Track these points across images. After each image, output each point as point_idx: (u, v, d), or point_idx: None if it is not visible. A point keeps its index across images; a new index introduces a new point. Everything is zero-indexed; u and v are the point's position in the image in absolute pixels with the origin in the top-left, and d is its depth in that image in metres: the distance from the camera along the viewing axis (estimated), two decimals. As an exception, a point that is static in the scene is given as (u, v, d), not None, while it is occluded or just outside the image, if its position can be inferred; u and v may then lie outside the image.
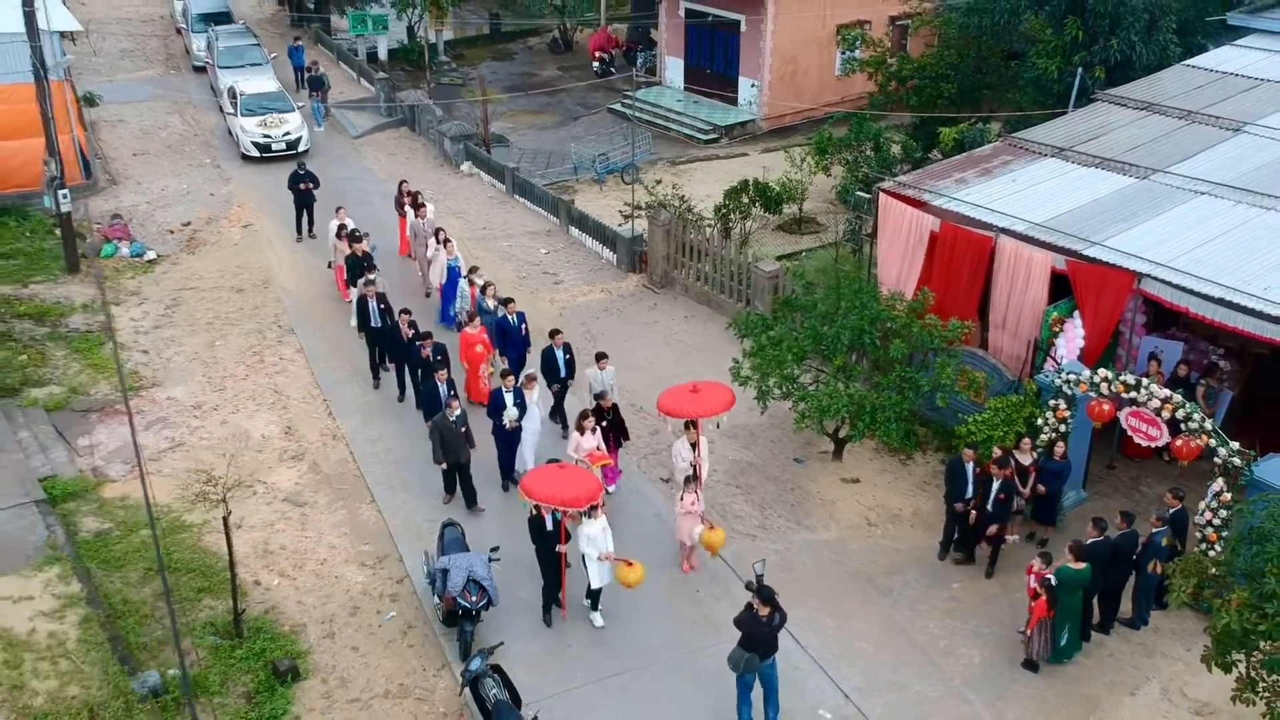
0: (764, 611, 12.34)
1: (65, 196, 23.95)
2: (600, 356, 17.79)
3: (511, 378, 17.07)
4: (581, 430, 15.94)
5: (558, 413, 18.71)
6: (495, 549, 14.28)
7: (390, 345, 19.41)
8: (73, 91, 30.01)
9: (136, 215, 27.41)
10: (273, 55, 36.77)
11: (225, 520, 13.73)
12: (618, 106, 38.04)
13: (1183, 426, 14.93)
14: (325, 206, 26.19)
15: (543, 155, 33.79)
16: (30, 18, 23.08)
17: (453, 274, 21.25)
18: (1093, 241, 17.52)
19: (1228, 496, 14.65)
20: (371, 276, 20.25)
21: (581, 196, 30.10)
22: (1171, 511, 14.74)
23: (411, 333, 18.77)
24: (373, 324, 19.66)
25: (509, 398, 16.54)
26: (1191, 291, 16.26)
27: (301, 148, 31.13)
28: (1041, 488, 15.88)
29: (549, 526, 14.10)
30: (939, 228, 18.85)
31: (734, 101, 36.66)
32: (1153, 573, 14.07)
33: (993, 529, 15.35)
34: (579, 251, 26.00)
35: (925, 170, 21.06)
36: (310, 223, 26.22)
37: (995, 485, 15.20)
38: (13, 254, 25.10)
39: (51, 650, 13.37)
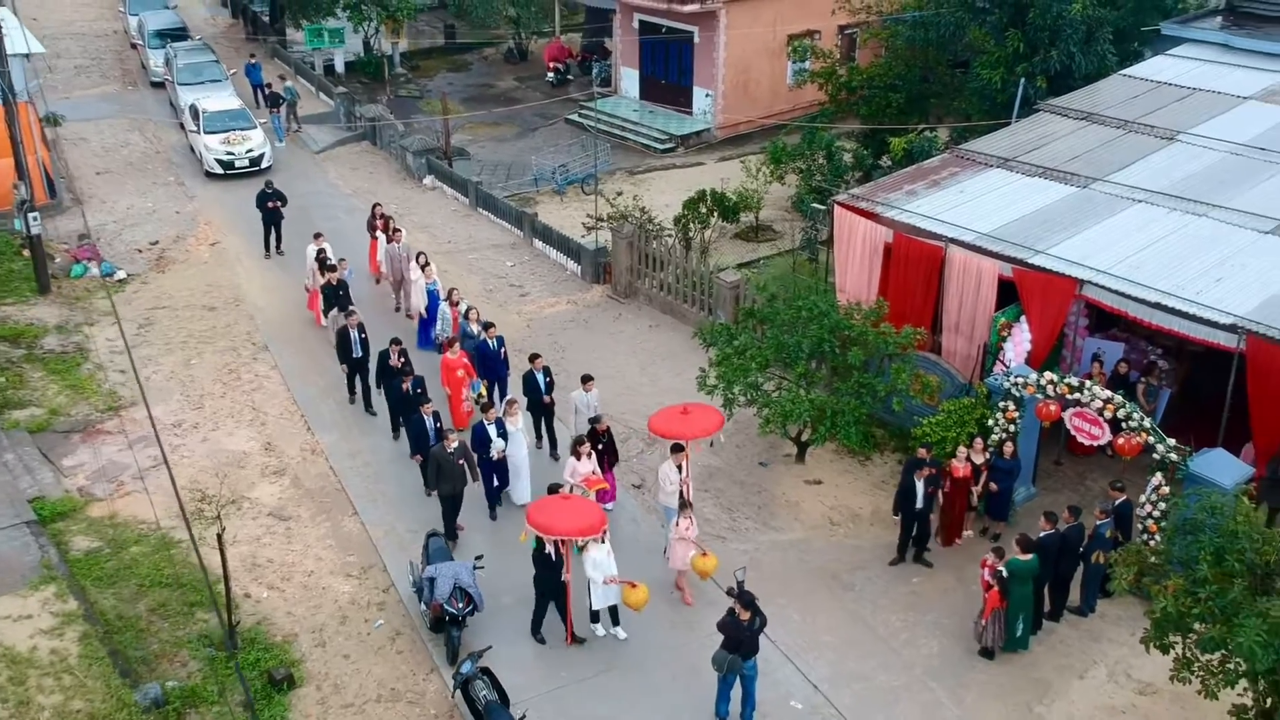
0: (745, 615, 13.10)
1: (35, 219, 24.26)
2: (586, 379, 18.25)
3: (493, 410, 17.32)
4: (578, 455, 16.29)
5: (545, 436, 18.89)
6: (479, 557, 14.96)
7: (378, 372, 19.50)
8: (35, 112, 30.24)
9: (104, 235, 27.74)
10: (231, 71, 37.08)
11: (219, 536, 14.30)
12: (575, 117, 38.72)
13: (1123, 425, 15.90)
14: (292, 223, 26.76)
15: (503, 167, 34.39)
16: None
17: (433, 298, 21.75)
18: (1037, 250, 18.48)
19: (1166, 489, 15.63)
20: (352, 307, 20.57)
21: (543, 208, 30.77)
22: (1115, 504, 15.71)
23: (401, 362, 19.00)
24: (354, 355, 19.92)
25: (492, 430, 16.85)
26: (1130, 296, 17.26)
27: (264, 164, 31.55)
28: (994, 485, 16.81)
29: (554, 557, 14.40)
30: (892, 239, 19.76)
31: (689, 111, 37.44)
32: (1097, 563, 15.02)
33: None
34: (544, 264, 26.68)
35: (877, 183, 21.93)
36: (278, 240, 26.70)
37: (920, 485, 16.05)
38: (-18, 276, 25.40)
39: (54, 666, 13.88)
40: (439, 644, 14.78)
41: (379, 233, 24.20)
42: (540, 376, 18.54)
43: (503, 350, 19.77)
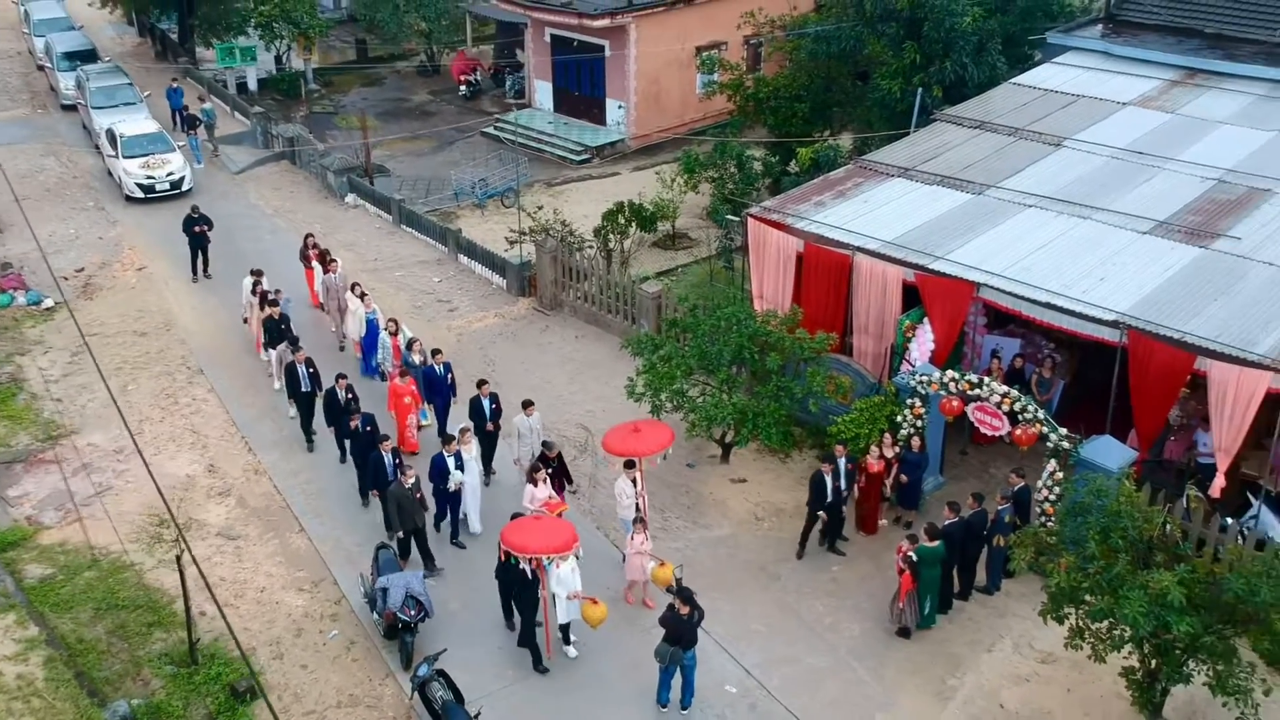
0: (684, 610, 14.14)
1: (-39, 252, 24.43)
2: (526, 404, 18.70)
3: (453, 443, 17.56)
4: (535, 482, 16.80)
5: (486, 462, 19.34)
6: (394, 534, 15.83)
7: (326, 410, 19.70)
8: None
9: (27, 263, 27.85)
10: (146, 94, 37.13)
11: (179, 559, 14.92)
12: (491, 130, 39.49)
13: (1020, 417, 17.28)
14: (217, 245, 27.19)
15: (422, 182, 35.02)
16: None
17: (371, 327, 22.09)
18: (937, 256, 19.81)
19: (1060, 475, 17.04)
20: (300, 344, 20.84)
21: (464, 222, 31.55)
22: (1015, 490, 17.08)
23: (349, 398, 19.26)
24: (303, 389, 20.13)
25: (451, 462, 17.26)
26: (1022, 297, 18.65)
27: (185, 187, 31.81)
28: (904, 477, 18.09)
29: (530, 576, 15.01)
30: (803, 248, 20.98)
31: (602, 122, 38.44)
32: (999, 545, 16.35)
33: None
34: (470, 278, 27.46)
35: (788, 195, 23.12)
36: (205, 263, 27.10)
37: (828, 480, 17.28)
38: (-94, 310, 25.45)
39: (23, 690, 14.42)
40: (393, 650, 15.59)
41: (314, 263, 24.52)
42: (486, 403, 19.11)
43: (449, 375, 20.24)
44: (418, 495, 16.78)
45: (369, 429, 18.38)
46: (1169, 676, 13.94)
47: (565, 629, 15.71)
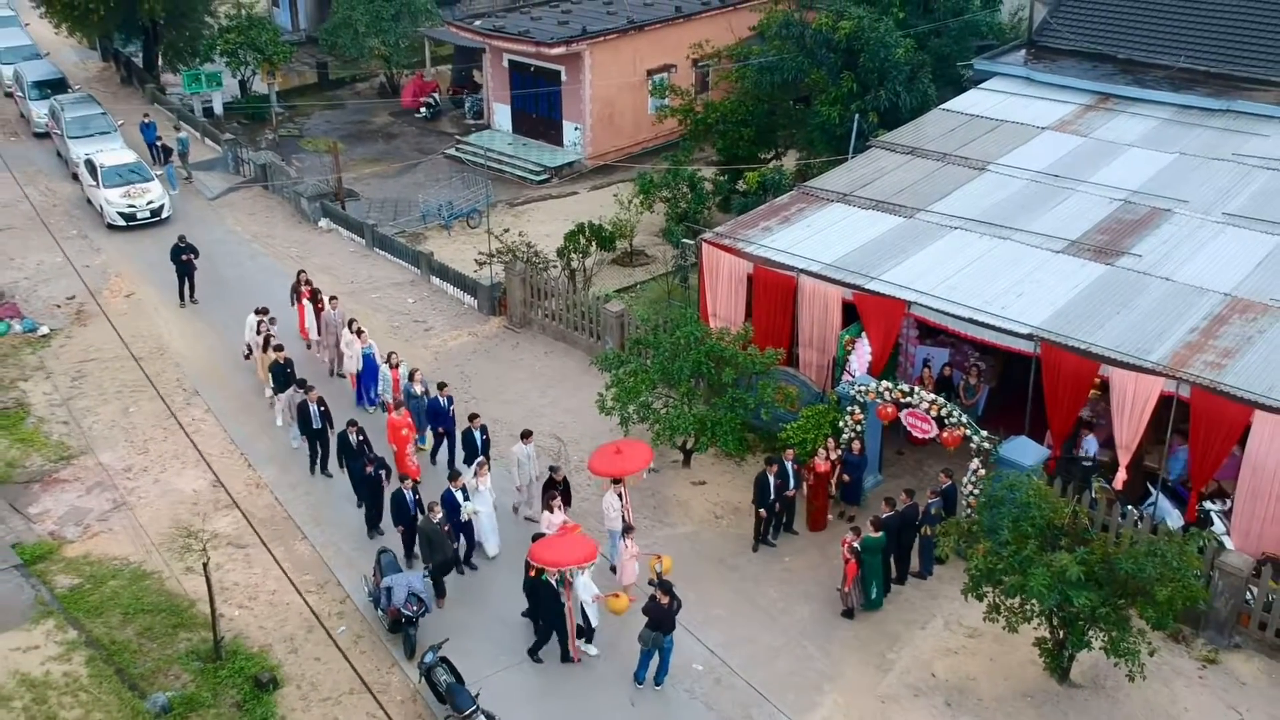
0: (665, 600, 16.17)
1: (-37, 284, 25.92)
2: (525, 434, 20.20)
3: (459, 478, 18.98)
4: (550, 509, 18.34)
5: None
6: (427, 566, 17.74)
7: (340, 452, 20.75)
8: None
9: (19, 292, 29.34)
10: (119, 123, 38.54)
11: (205, 565, 16.75)
12: (453, 151, 41.33)
13: (946, 421, 19.52)
14: (199, 271, 28.74)
15: (389, 204, 36.74)
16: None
17: (368, 361, 23.51)
18: (872, 276, 22.03)
19: (982, 472, 19.28)
20: (310, 384, 22.05)
21: (432, 243, 33.39)
22: (944, 486, 19.32)
23: (360, 440, 20.34)
24: (314, 426, 21.30)
25: (459, 495, 18.65)
26: (948, 313, 20.92)
27: (165, 215, 33.38)
28: (846, 476, 20.29)
29: (556, 586, 16.73)
30: (753, 270, 23.12)
31: (560, 143, 40.40)
32: (928, 535, 18.56)
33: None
34: (443, 299, 29.33)
35: (738, 220, 25.24)
36: (191, 289, 28.72)
37: (770, 480, 19.41)
38: (-93, 339, 26.87)
39: (70, 686, 16.17)
40: (397, 643, 17.50)
41: (305, 299, 25.74)
42: (478, 435, 20.54)
43: (452, 408, 21.75)
44: (445, 528, 18.19)
45: (385, 470, 19.72)
46: (1074, 644, 16.25)
47: (589, 630, 17.42)
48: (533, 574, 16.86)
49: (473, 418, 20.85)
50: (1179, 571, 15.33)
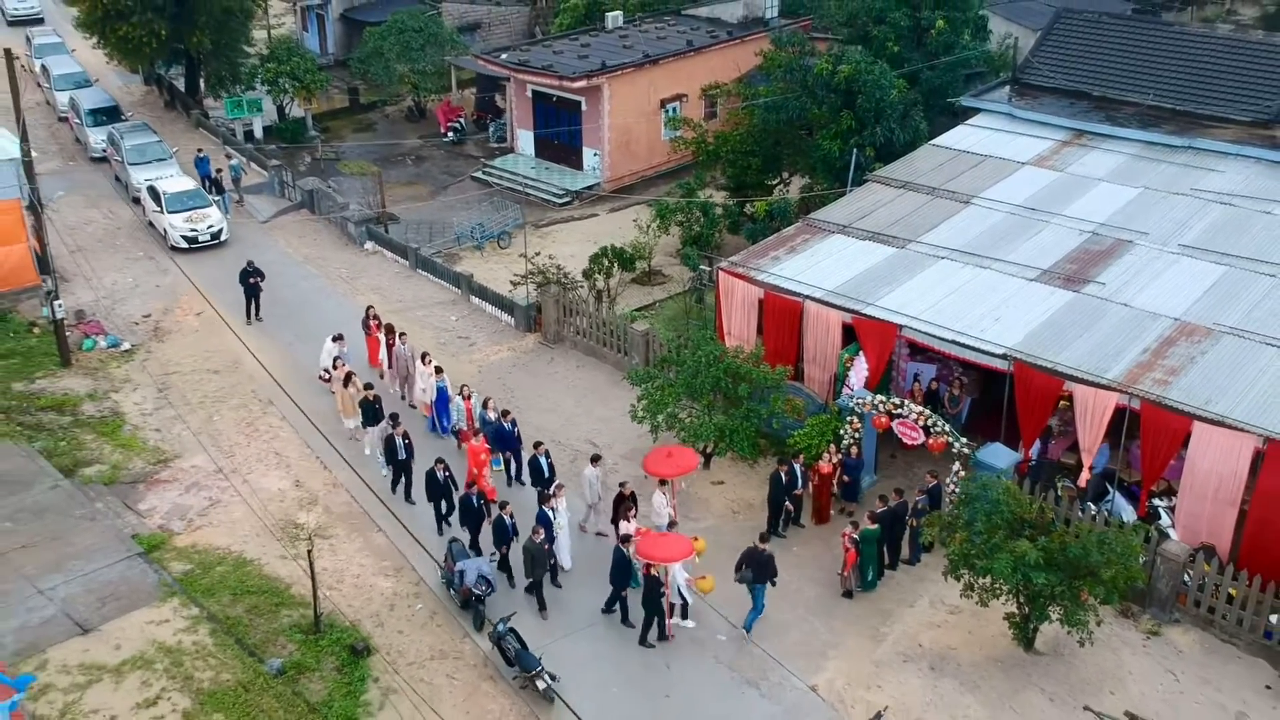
0: (763, 546, 19.55)
1: (59, 306, 29.08)
2: (595, 458, 22.89)
3: (551, 499, 21.34)
4: (628, 519, 21.23)
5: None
6: (494, 554, 20.94)
7: (427, 488, 22.99)
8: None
9: (99, 310, 32.52)
10: (174, 149, 41.72)
11: (309, 553, 19.96)
12: (481, 174, 44.53)
13: (931, 430, 22.73)
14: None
15: (425, 225, 39.92)
16: (30, 171, 28.34)
17: (442, 393, 25.98)
18: (868, 302, 25.23)
19: (963, 473, 22.48)
20: (399, 420, 24.29)
21: (466, 263, 36.59)
22: (930, 485, 22.54)
23: (446, 475, 22.70)
24: (400, 457, 23.77)
25: (551, 514, 21.17)
26: (934, 335, 24.12)
27: (223, 238, 36.57)
28: (846, 477, 23.50)
29: (660, 578, 19.85)
30: (764, 296, 26.32)
31: (580, 167, 43.61)
32: (914, 528, 21.78)
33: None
34: (482, 317, 32.52)
35: (750, 250, 28.40)
36: (257, 309, 31.87)
37: (783, 477, 22.67)
38: (8, 354, 30.04)
39: (199, 652, 19.35)
40: (467, 618, 20.68)
41: (375, 333, 28.49)
42: (543, 460, 22.96)
43: (516, 430, 24.47)
44: (547, 547, 20.84)
45: (482, 501, 22.10)
46: (1037, 617, 19.47)
47: (685, 607, 20.62)
48: (645, 570, 19.84)
49: (537, 445, 23.29)
50: (1122, 557, 18.55)
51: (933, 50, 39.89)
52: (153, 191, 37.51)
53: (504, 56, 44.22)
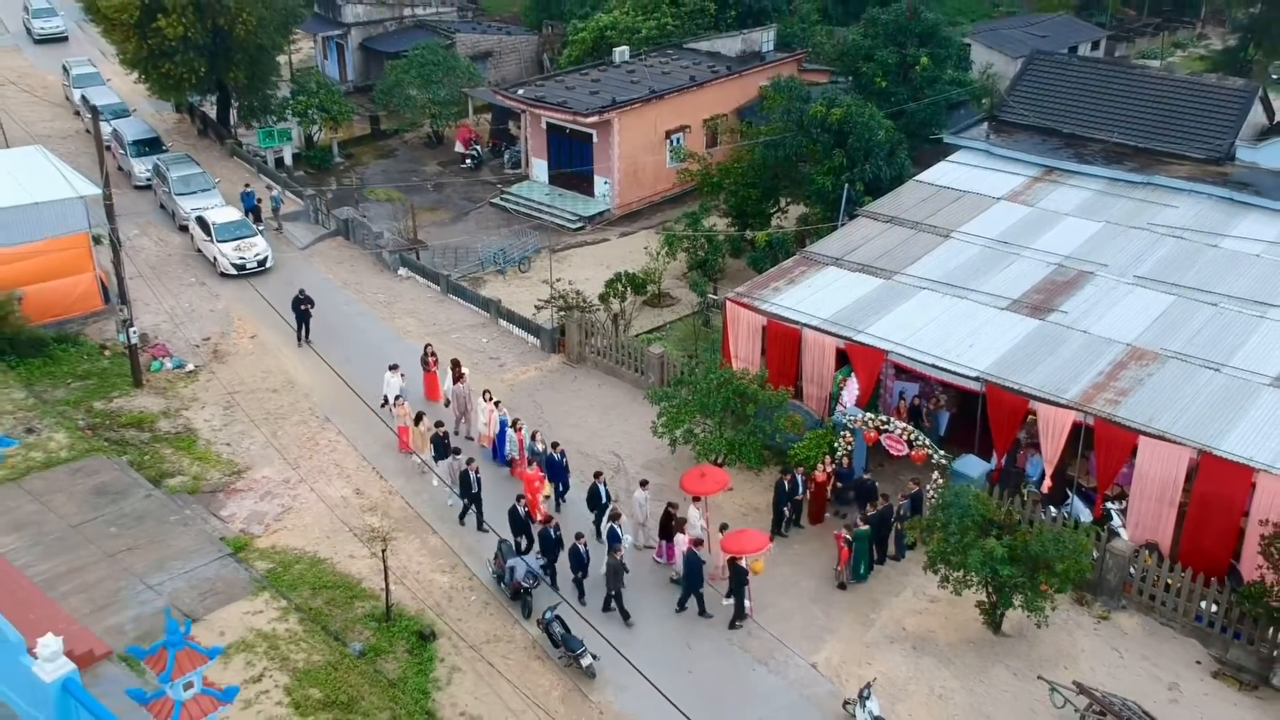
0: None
1: (134, 332, 32.36)
2: (643, 482, 26.10)
3: (619, 519, 24.45)
4: (684, 531, 24.58)
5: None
6: (540, 555, 24.40)
7: (513, 524, 25.03)
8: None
9: (161, 333, 35.80)
10: (217, 180, 45.02)
11: (383, 552, 23.36)
12: (499, 201, 47.91)
13: (914, 443, 26.19)
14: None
15: (450, 250, 43.22)
16: (110, 211, 31.64)
17: (503, 425, 28.63)
18: (859, 330, 28.67)
19: (941, 481, 25.94)
20: (470, 456, 26.84)
21: (490, 286, 40.00)
22: (913, 491, 26.00)
23: (525, 510, 25.00)
24: (473, 490, 26.18)
25: (619, 531, 24.32)
26: (916, 360, 27.58)
27: (269, 265, 39.89)
28: (839, 484, 26.95)
29: (742, 566, 23.38)
30: (767, 323, 29.76)
31: (591, 194, 47.01)
32: (899, 529, 25.25)
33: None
34: (510, 339, 35.91)
35: (753, 282, 31.84)
36: (307, 333, 35.14)
37: (786, 484, 26.09)
38: (85, 375, 33.32)
39: (292, 638, 22.70)
40: (516, 608, 24.08)
41: (434, 368, 31.51)
42: (602, 488, 26.03)
43: (564, 460, 27.21)
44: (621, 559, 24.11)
45: (558, 533, 24.49)
46: (1003, 604, 22.94)
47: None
48: (726, 559, 23.62)
49: (597, 475, 26.42)
50: (1073, 553, 22.04)
51: (918, 84, 43.49)
52: (202, 222, 40.77)
53: (520, 92, 47.62)
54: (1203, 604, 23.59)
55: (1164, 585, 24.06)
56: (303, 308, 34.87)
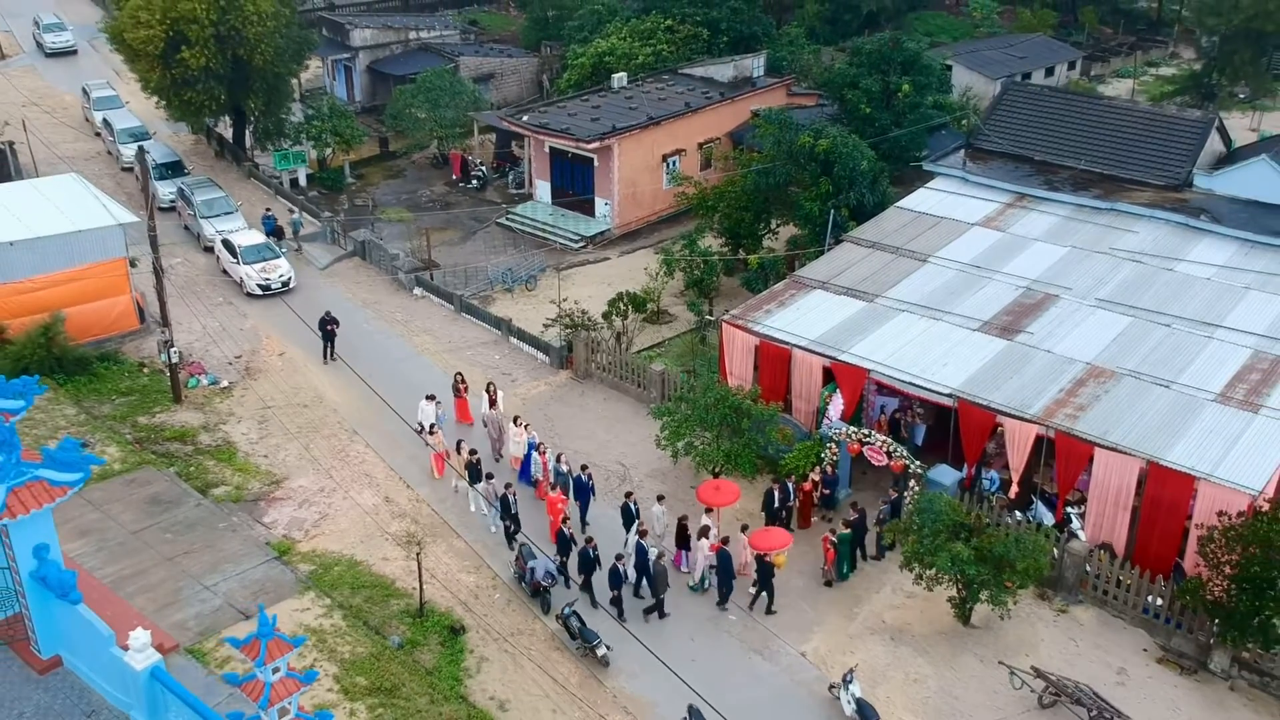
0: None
1: (175, 352, 35.02)
2: (660, 497, 29.03)
3: (646, 535, 26.92)
4: (706, 536, 27.11)
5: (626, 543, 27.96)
6: (563, 567, 27.12)
7: (559, 545, 27.50)
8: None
9: (195, 352, 38.43)
10: (239, 204, 47.65)
11: (418, 556, 26.09)
12: (504, 220, 50.60)
13: (892, 454, 29.01)
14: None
15: (460, 270, 45.87)
16: (155, 243, 34.28)
17: (530, 447, 30.90)
18: (843, 350, 31.46)
19: (917, 488, 28.74)
20: (509, 482, 29.57)
21: (499, 304, 42.69)
22: (891, 498, 28.82)
23: (571, 532, 27.51)
24: (513, 512, 28.44)
25: (646, 546, 26.70)
26: (894, 378, 30.37)
27: (292, 285, 42.54)
28: (826, 491, 29.78)
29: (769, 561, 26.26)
30: (759, 344, 32.54)
31: (592, 214, 49.69)
32: (879, 532, 28.06)
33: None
34: (521, 355, 38.63)
35: (747, 304, 34.59)
36: (332, 351, 37.79)
37: (775, 494, 28.87)
38: (128, 391, 35.96)
39: (337, 632, 25.40)
40: (535, 605, 26.82)
41: (465, 394, 33.89)
42: (632, 505, 28.29)
43: (590, 482, 29.35)
44: (663, 567, 26.71)
45: (595, 553, 26.69)
46: (971, 598, 25.75)
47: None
48: (753, 556, 26.70)
49: (628, 495, 28.89)
50: (1032, 553, 24.86)
51: (900, 110, 46.34)
52: (228, 244, 43.42)
53: (525, 119, 50.30)
54: (1149, 598, 26.41)
55: (1116, 581, 26.88)
56: (329, 328, 37.53)
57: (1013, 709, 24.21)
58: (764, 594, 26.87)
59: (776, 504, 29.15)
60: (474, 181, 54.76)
